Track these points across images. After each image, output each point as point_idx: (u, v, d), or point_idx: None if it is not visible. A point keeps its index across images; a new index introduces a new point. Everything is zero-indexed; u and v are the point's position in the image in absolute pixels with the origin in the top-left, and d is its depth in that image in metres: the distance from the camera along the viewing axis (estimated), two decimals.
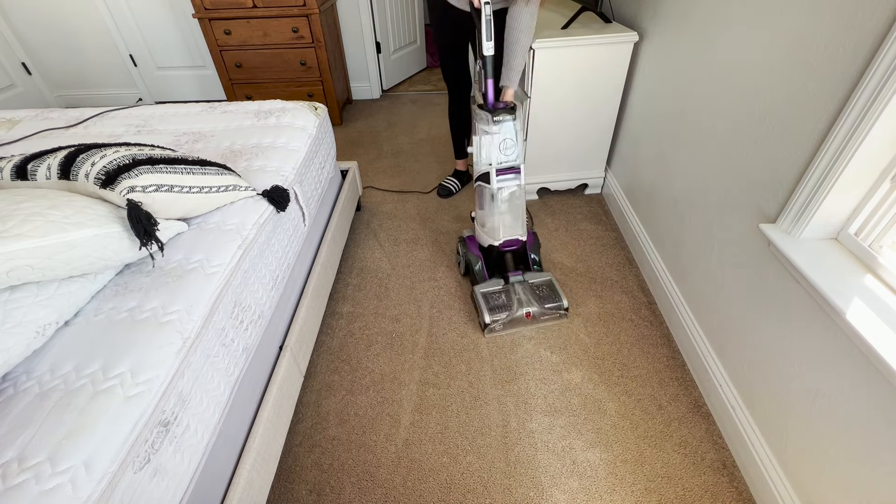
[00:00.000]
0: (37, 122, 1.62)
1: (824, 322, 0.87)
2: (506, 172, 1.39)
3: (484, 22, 1.24)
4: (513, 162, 1.39)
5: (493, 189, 1.40)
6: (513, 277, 1.53)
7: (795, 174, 0.96)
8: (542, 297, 1.50)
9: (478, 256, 1.58)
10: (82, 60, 3.31)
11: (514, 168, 1.39)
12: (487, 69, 1.32)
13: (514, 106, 1.37)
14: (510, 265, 1.56)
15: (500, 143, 1.35)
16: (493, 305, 1.47)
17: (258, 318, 1.07)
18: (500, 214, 1.47)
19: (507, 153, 1.38)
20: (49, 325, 0.77)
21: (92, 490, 0.61)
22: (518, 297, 1.49)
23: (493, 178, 1.38)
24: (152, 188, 0.93)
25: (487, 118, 1.33)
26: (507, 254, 1.55)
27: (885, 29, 0.75)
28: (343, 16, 3.05)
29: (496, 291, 1.51)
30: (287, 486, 1.14)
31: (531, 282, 1.53)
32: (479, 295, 1.50)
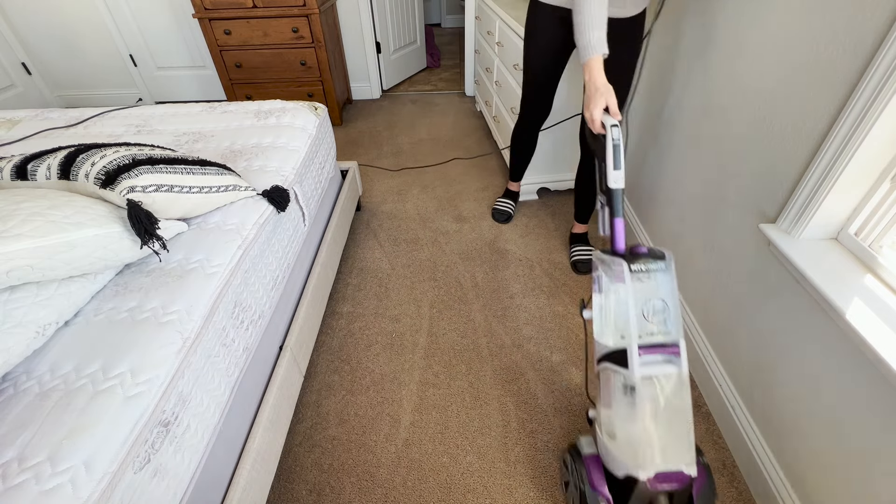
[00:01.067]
0: (37, 122, 1.62)
1: (824, 322, 0.87)
2: (654, 350, 0.86)
3: (611, 148, 0.95)
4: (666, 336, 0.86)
5: (634, 379, 0.84)
6: None
7: (795, 174, 0.96)
8: None
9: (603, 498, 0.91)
10: (82, 60, 3.31)
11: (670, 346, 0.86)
12: (615, 206, 0.96)
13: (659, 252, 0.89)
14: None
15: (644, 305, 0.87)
16: None
17: (258, 318, 1.07)
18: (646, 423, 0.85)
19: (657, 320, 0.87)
20: (49, 325, 0.77)
21: (92, 490, 0.61)
22: None
23: (633, 358, 0.84)
24: (152, 188, 0.93)
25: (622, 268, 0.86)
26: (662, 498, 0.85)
27: (885, 29, 0.75)
28: (343, 16, 3.05)
29: None
30: (287, 486, 1.14)
31: None
32: None
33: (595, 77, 1.05)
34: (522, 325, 1.54)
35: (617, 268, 0.88)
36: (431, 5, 5.44)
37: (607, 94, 1.03)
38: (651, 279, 0.88)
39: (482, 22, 2.64)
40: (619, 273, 0.87)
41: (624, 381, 0.86)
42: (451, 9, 5.41)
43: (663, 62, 1.56)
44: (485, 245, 1.91)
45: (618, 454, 0.88)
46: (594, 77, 1.05)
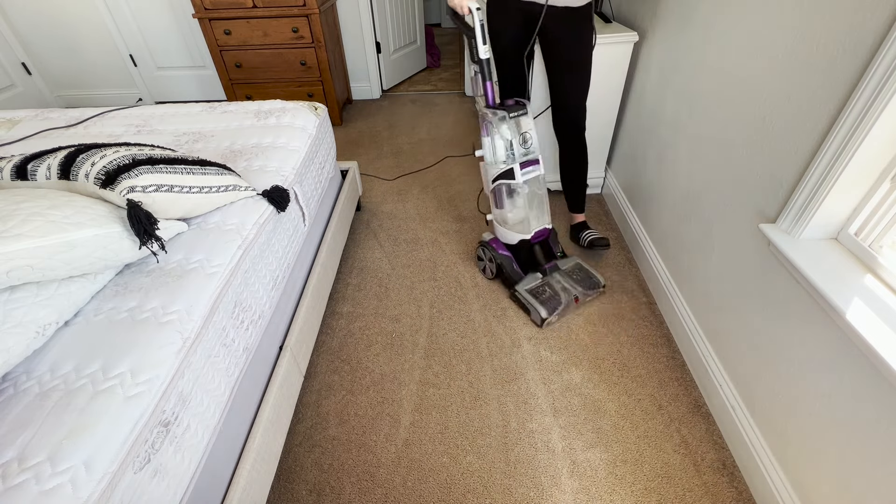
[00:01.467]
0: (37, 122, 1.62)
1: (824, 322, 0.87)
2: (527, 165, 1.43)
3: (478, 26, 1.29)
4: (534, 154, 1.44)
5: (519, 182, 1.43)
6: (549, 268, 1.59)
7: (795, 174, 0.96)
8: (580, 279, 1.57)
9: (508, 256, 1.60)
10: (82, 60, 3.31)
11: (535, 160, 1.43)
12: (486, 72, 1.36)
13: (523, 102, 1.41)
14: (540, 258, 1.59)
15: (520, 136, 1.40)
16: (542, 299, 1.50)
17: (258, 318, 1.07)
18: (527, 207, 1.49)
19: (528, 146, 1.42)
20: (49, 325, 0.77)
21: (92, 490, 0.61)
22: (561, 285, 1.55)
23: (517, 172, 1.41)
24: (152, 188, 0.93)
25: (503, 115, 1.36)
26: (536, 246, 1.58)
27: (885, 28, 0.75)
28: (343, 16, 3.05)
29: (538, 286, 1.55)
30: (287, 486, 1.14)
31: (564, 268, 1.61)
32: (525, 293, 1.53)
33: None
34: (522, 325, 1.54)
35: (500, 115, 1.38)
36: (431, 5, 5.44)
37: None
38: (521, 120, 1.41)
39: None
40: (502, 118, 1.38)
41: (509, 188, 1.48)
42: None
43: (663, 63, 1.56)
44: None
45: (509, 232, 1.57)
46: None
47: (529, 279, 1.56)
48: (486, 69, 1.35)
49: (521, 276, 1.58)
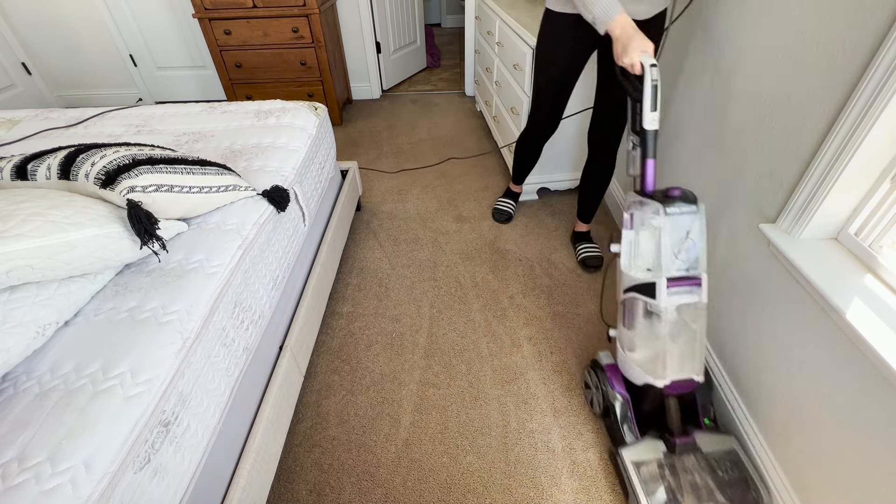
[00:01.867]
0: (37, 122, 1.62)
1: (824, 322, 0.87)
2: (680, 283, 0.99)
3: (649, 88, 1.00)
4: (692, 270, 1.00)
5: (661, 307, 0.98)
6: (682, 444, 1.05)
7: (795, 174, 0.96)
8: (727, 483, 1.02)
9: (625, 399, 1.14)
10: (82, 60, 3.31)
11: (694, 278, 0.99)
12: (648, 147, 1.04)
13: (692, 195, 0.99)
14: (674, 420, 1.06)
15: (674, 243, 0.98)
16: (653, 489, 1.00)
17: (258, 319, 1.07)
18: (669, 341, 1.02)
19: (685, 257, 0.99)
20: (49, 325, 0.77)
21: (92, 490, 0.61)
22: (690, 478, 1.01)
23: (661, 290, 0.97)
24: (152, 188, 0.93)
25: (657, 209, 0.97)
26: (671, 400, 1.07)
27: (885, 28, 0.75)
28: (343, 16, 3.05)
29: (656, 465, 1.05)
30: (287, 486, 1.14)
31: (706, 451, 1.06)
32: (632, 466, 1.04)
33: (627, 27, 1.04)
34: (522, 325, 1.54)
35: (653, 208, 0.99)
36: (431, 5, 5.44)
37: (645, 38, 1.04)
38: (683, 220, 0.98)
39: (482, 22, 2.64)
40: (655, 213, 0.98)
41: (647, 307, 1.02)
42: (451, 9, 5.41)
43: (663, 63, 1.56)
44: (485, 245, 1.91)
45: (637, 366, 1.07)
46: (626, 28, 1.04)
47: (645, 447, 1.07)
48: (652, 143, 1.04)
49: (635, 435, 1.11)
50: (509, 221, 2.04)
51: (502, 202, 2.07)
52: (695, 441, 1.06)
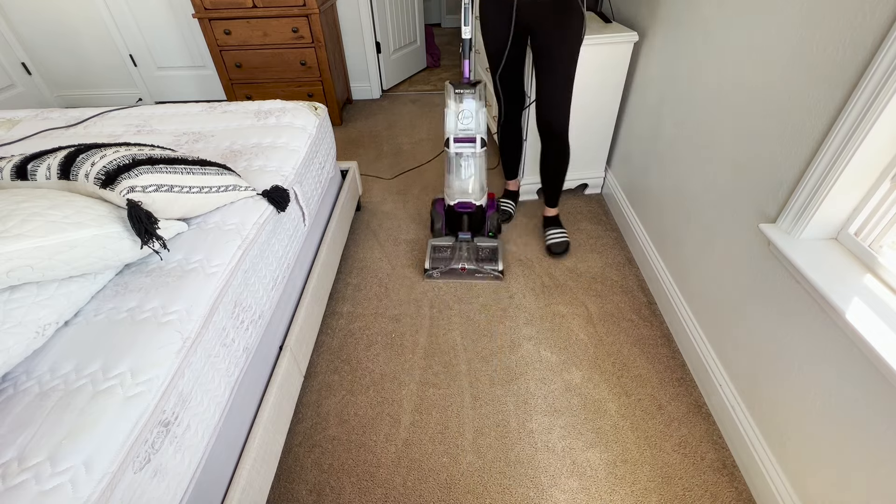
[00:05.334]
0: (37, 122, 1.62)
1: (824, 322, 0.87)
2: (463, 141, 1.54)
3: (462, 8, 1.36)
4: (470, 132, 1.54)
5: (451, 153, 1.58)
6: (462, 235, 1.75)
7: (795, 174, 0.96)
8: (482, 258, 1.73)
9: (440, 215, 1.82)
10: (82, 60, 3.31)
11: (471, 138, 1.54)
12: (465, 50, 1.46)
13: (477, 82, 1.49)
14: (464, 226, 1.74)
15: (459, 113, 1.52)
16: (436, 256, 1.72)
17: (258, 318, 1.07)
18: (457, 178, 1.63)
19: (465, 123, 1.54)
20: (49, 324, 0.77)
21: (92, 490, 0.61)
22: (460, 252, 1.73)
23: (450, 143, 1.55)
24: (152, 188, 0.93)
25: (450, 91, 1.50)
26: (464, 216, 1.71)
27: (885, 28, 0.75)
28: (343, 16, 3.05)
29: (444, 246, 1.75)
30: (287, 486, 1.14)
31: (478, 244, 1.75)
32: (430, 246, 1.76)
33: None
34: (522, 324, 1.54)
35: (449, 90, 1.50)
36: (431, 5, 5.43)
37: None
38: (466, 99, 1.51)
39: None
40: (449, 93, 1.51)
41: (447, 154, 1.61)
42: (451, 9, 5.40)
43: (663, 62, 1.56)
44: None
45: (446, 196, 1.72)
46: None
47: (444, 239, 1.77)
48: (465, 48, 1.46)
49: (441, 234, 1.80)
50: (510, 221, 2.05)
51: (503, 202, 2.07)
52: (470, 238, 1.76)
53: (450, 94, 1.50)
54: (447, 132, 1.55)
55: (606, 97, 1.86)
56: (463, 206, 1.69)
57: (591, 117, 1.92)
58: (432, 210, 1.87)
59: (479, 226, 1.76)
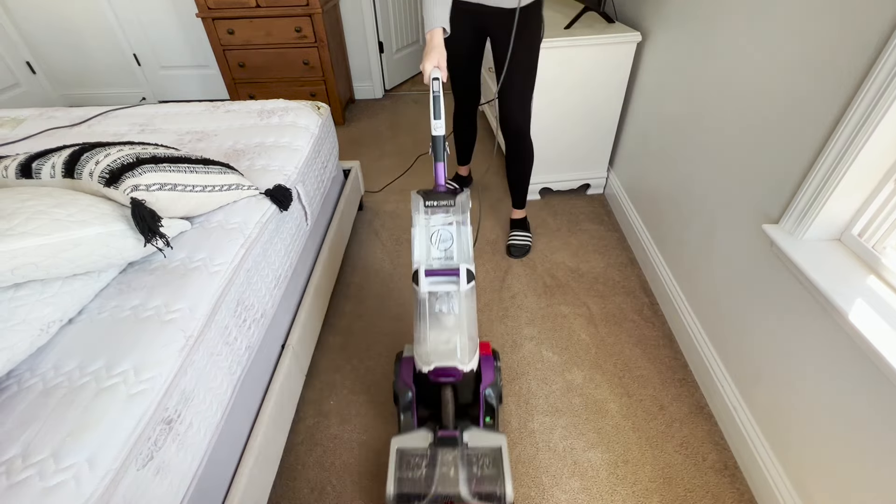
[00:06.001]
0: (41, 121, 1.62)
1: (827, 323, 0.87)
2: (441, 274, 1.02)
3: (431, 99, 1.11)
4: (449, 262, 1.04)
5: (422, 294, 1.00)
6: (442, 435, 1.02)
7: (799, 175, 0.96)
8: (481, 477, 0.97)
9: (408, 387, 1.11)
10: (86, 60, 3.32)
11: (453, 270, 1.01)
12: (436, 151, 1.12)
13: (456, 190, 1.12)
14: (447, 412, 1.04)
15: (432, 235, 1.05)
16: (403, 475, 0.98)
17: (261, 317, 1.08)
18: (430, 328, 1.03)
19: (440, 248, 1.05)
20: (53, 322, 0.77)
21: (95, 487, 0.61)
22: (443, 470, 0.99)
23: (421, 277, 1.00)
24: (156, 187, 0.93)
25: (418, 204, 1.06)
26: (447, 391, 1.04)
27: (888, 31, 0.74)
28: (346, 15, 3.06)
29: (417, 452, 1.02)
30: (289, 485, 1.15)
31: (471, 447, 1.02)
32: (394, 452, 1.01)
33: (431, 40, 1.19)
34: (524, 324, 1.54)
35: (417, 202, 1.07)
36: None
37: (439, 54, 1.17)
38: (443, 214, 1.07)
39: None
40: (417, 206, 1.07)
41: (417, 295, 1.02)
42: None
43: (665, 65, 1.55)
44: (486, 244, 1.91)
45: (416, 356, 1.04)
46: (431, 39, 1.19)
47: (416, 436, 1.04)
48: (438, 148, 1.12)
49: (412, 424, 1.10)
50: None
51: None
52: (458, 436, 1.02)
53: (417, 209, 1.07)
54: (415, 262, 1.03)
55: (609, 97, 1.86)
56: (442, 375, 1.02)
57: (593, 117, 1.92)
58: (395, 379, 1.14)
59: (467, 402, 1.14)
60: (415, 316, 1.05)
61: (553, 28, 1.78)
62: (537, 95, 1.82)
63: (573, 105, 1.86)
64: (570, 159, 2.07)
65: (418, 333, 1.03)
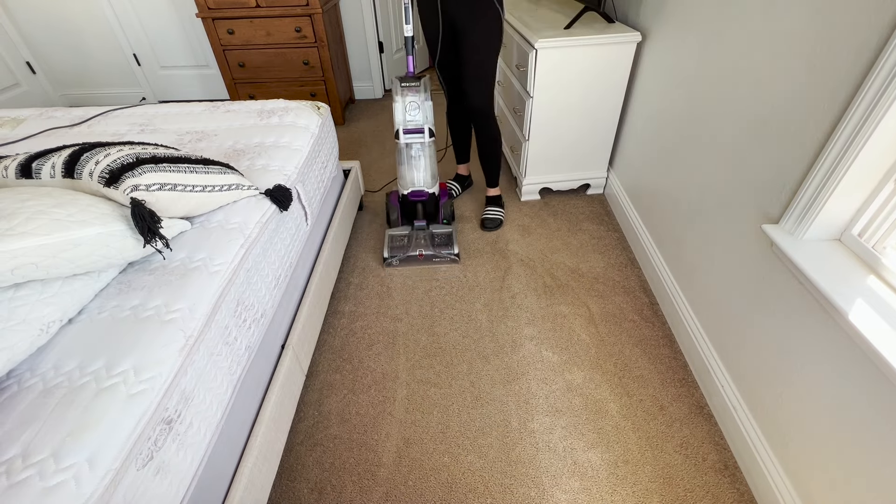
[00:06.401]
0: (41, 121, 1.62)
1: (827, 323, 0.87)
2: (412, 132, 1.63)
3: (403, 7, 1.50)
4: (417, 123, 1.62)
5: (401, 144, 1.66)
6: (417, 224, 1.83)
7: (799, 175, 0.96)
8: (438, 244, 1.79)
9: (395, 206, 1.89)
10: (86, 60, 3.32)
11: (419, 129, 1.62)
12: (408, 46, 1.57)
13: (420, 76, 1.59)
14: (419, 215, 1.83)
15: (406, 106, 1.60)
16: (394, 245, 1.80)
17: (261, 317, 1.08)
18: (409, 168, 1.72)
19: (412, 115, 1.62)
20: (53, 322, 0.77)
21: (95, 487, 0.61)
22: (416, 240, 1.79)
23: (400, 134, 1.63)
24: (156, 187, 0.93)
25: (396, 85, 1.58)
26: (418, 204, 1.80)
27: (888, 30, 0.74)
28: (346, 15, 3.06)
29: (401, 235, 1.83)
30: (289, 485, 1.15)
31: (433, 230, 1.83)
32: (387, 236, 1.83)
33: None
34: (524, 324, 1.54)
35: (395, 84, 1.59)
36: None
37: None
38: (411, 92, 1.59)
39: None
40: (396, 87, 1.60)
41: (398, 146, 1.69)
42: None
43: (665, 65, 1.55)
44: (486, 244, 1.91)
45: (399, 186, 1.80)
46: None
47: (400, 228, 1.84)
48: (408, 44, 1.57)
49: (397, 224, 1.87)
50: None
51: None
52: (426, 225, 1.84)
53: (396, 89, 1.58)
54: (396, 124, 1.62)
55: (609, 97, 1.86)
56: (416, 195, 1.77)
57: (593, 117, 1.92)
58: (387, 203, 1.94)
59: (433, 214, 1.84)
60: (397, 160, 1.74)
61: (553, 28, 1.78)
62: (537, 95, 1.82)
63: (573, 105, 1.86)
64: (570, 159, 2.07)
65: (401, 170, 1.75)
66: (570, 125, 1.93)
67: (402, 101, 1.59)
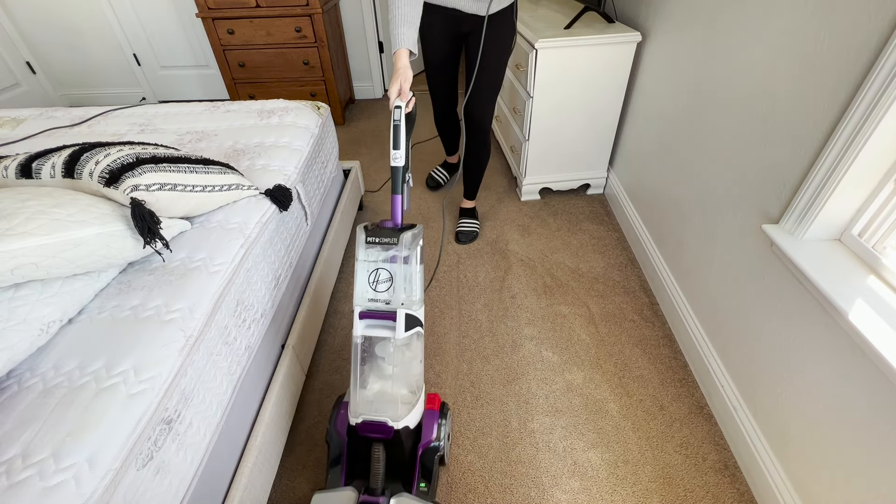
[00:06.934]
0: (41, 121, 1.62)
1: (827, 323, 0.87)
2: (376, 317, 0.93)
3: (392, 128, 1.00)
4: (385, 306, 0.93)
5: (355, 338, 0.93)
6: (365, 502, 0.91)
7: (799, 175, 0.96)
8: None
9: (341, 439, 1.01)
10: (86, 60, 3.32)
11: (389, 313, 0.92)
12: (395, 183, 1.00)
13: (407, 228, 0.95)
14: (375, 472, 0.93)
15: (371, 273, 0.94)
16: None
17: (260, 317, 1.08)
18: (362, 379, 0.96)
19: (379, 290, 0.93)
20: (53, 322, 0.77)
21: (95, 487, 0.61)
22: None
23: (356, 320, 0.93)
24: (156, 187, 0.93)
25: (360, 239, 0.94)
26: (378, 447, 0.94)
27: (889, 30, 0.74)
28: (346, 15, 3.06)
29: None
30: (289, 485, 1.14)
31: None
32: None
33: (396, 61, 1.15)
34: (524, 324, 1.54)
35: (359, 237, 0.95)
36: None
37: (403, 77, 1.10)
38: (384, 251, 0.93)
39: None
40: (360, 242, 0.95)
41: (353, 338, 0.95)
42: None
43: (665, 65, 1.55)
44: (487, 244, 1.91)
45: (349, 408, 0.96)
46: (397, 61, 1.15)
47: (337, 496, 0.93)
48: (396, 180, 1.01)
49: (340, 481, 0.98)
50: (437, 189, 2.23)
51: (436, 171, 2.22)
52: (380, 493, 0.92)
53: (360, 244, 0.95)
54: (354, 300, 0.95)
55: (609, 97, 1.86)
56: (372, 429, 0.94)
57: (593, 117, 1.92)
58: (330, 425, 1.04)
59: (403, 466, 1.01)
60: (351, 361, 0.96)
61: (553, 28, 1.78)
62: (537, 95, 1.82)
63: (573, 105, 1.86)
64: (570, 159, 2.07)
65: (352, 380, 0.94)
66: (571, 125, 1.93)
67: (365, 262, 0.94)
